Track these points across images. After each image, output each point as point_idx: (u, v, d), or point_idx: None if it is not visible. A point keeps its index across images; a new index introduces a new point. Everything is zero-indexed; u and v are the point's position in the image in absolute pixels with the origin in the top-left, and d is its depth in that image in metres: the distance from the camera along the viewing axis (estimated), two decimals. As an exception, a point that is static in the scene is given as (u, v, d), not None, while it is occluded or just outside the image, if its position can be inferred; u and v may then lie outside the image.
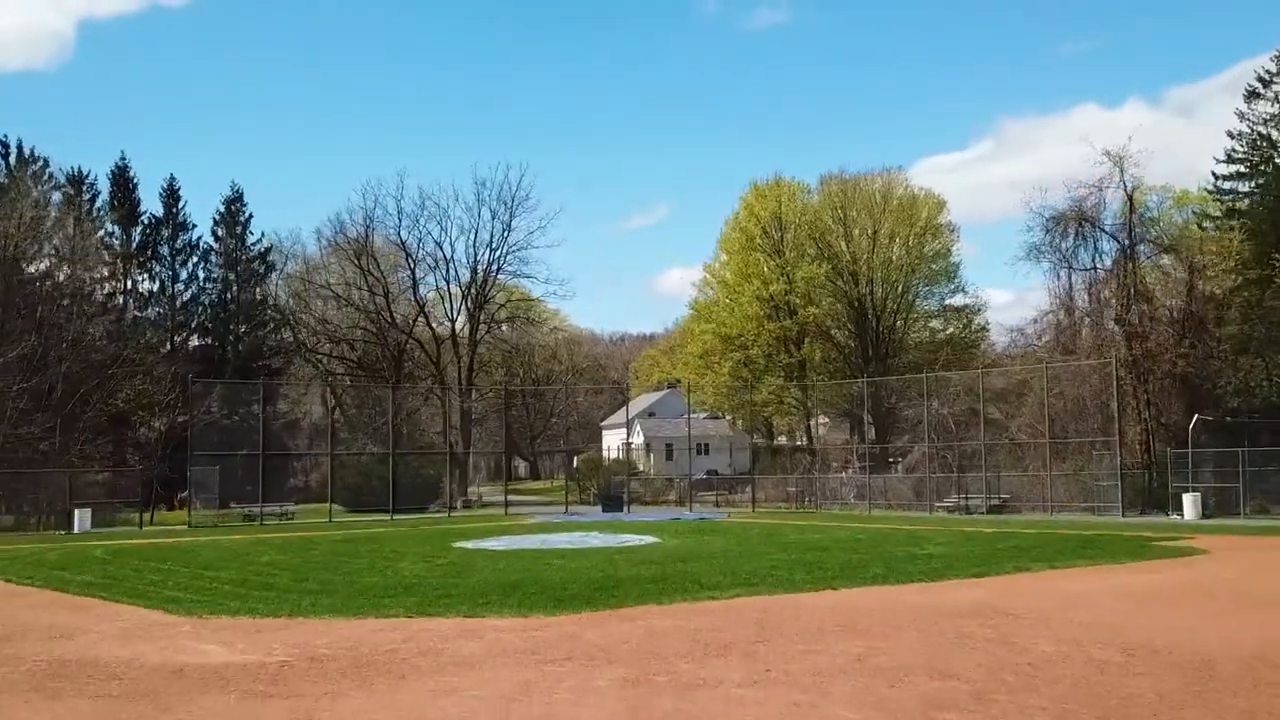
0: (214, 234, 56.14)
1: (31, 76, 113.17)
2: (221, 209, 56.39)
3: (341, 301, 56.16)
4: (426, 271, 56.22)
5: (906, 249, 54.75)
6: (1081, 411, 37.21)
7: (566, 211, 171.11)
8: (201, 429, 41.55)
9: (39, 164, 50.19)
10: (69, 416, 40.72)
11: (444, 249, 55.86)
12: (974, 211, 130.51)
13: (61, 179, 51.01)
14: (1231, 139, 42.01)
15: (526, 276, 57.25)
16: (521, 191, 55.91)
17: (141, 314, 53.04)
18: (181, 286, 54.80)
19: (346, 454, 48.39)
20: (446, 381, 53.88)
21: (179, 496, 42.34)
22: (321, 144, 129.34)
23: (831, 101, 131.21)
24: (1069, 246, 40.21)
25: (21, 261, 43.29)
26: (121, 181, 53.18)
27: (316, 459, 50.67)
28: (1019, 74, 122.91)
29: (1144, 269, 39.58)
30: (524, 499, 54.28)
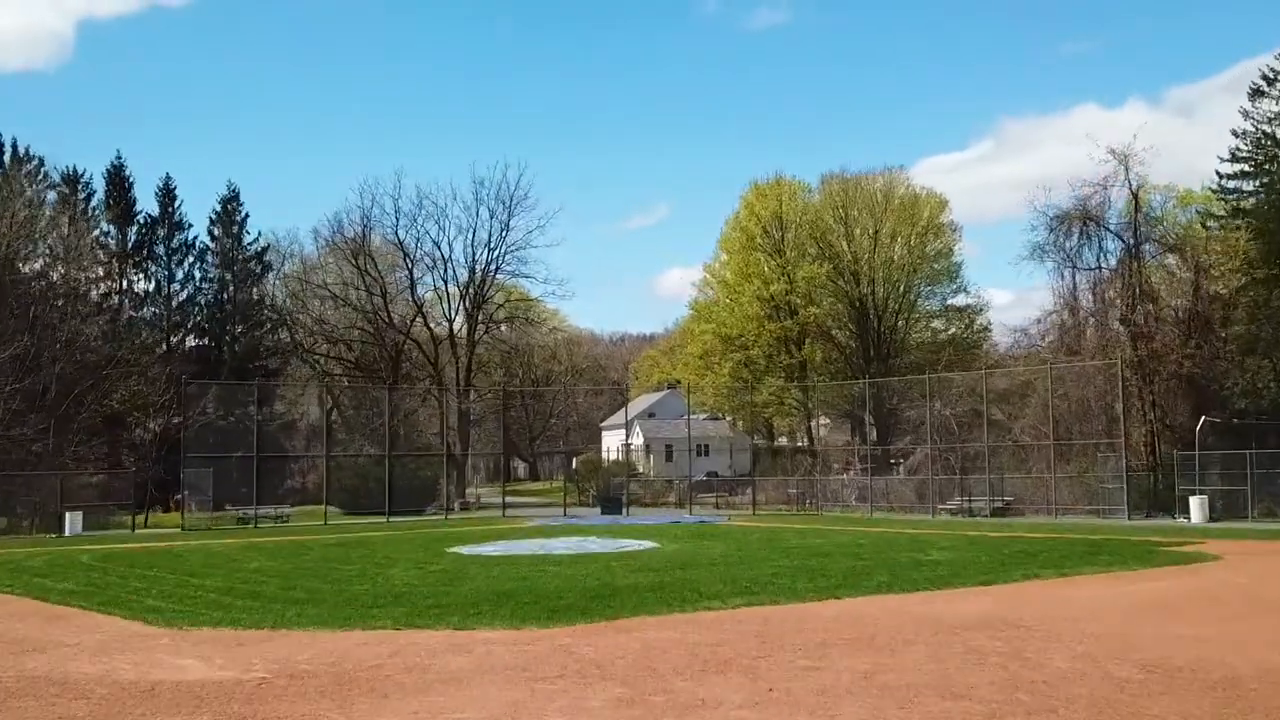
0: (210, 234, 55.84)
1: (31, 76, 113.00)
2: (218, 208, 56.05)
3: (339, 301, 55.72)
4: (424, 271, 55.88)
5: (908, 248, 54.36)
6: (1086, 413, 36.80)
7: (566, 211, 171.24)
8: (197, 430, 41.20)
9: (34, 163, 49.83)
10: (63, 418, 40.31)
11: (442, 248, 55.56)
12: (974, 211, 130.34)
13: (56, 178, 50.71)
14: (1236, 137, 41.59)
15: (525, 276, 56.95)
16: (520, 190, 55.60)
17: (137, 314, 52.61)
18: (177, 286, 54.47)
19: (343, 455, 47.99)
20: (444, 382, 53.41)
21: (174, 499, 41.93)
22: (321, 144, 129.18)
23: (831, 101, 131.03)
24: (1073, 245, 39.82)
25: (15, 261, 42.91)
26: (117, 181, 52.77)
27: (314, 460, 50.22)
28: (1019, 74, 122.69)
29: (1149, 269, 39.14)
30: (523, 500, 53.89)
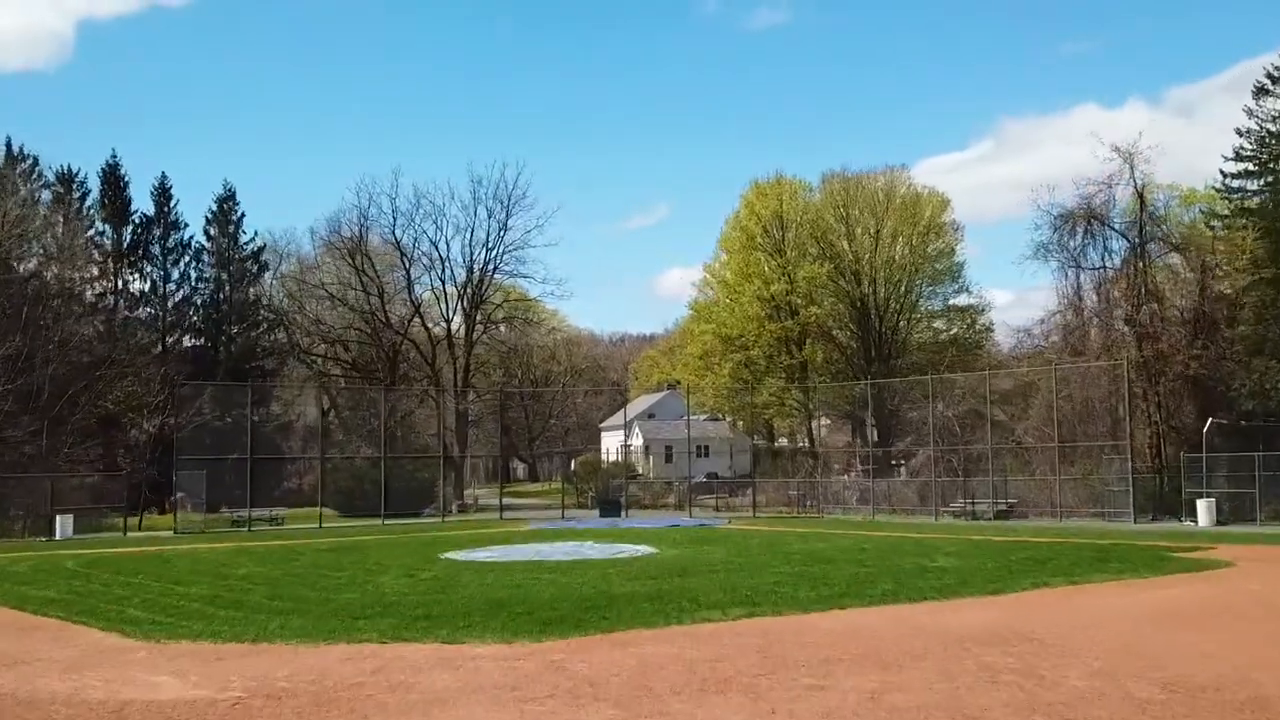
0: (206, 233, 55.38)
1: (31, 77, 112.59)
2: (214, 208, 55.61)
3: (336, 302, 55.28)
4: (422, 271, 55.47)
5: (910, 248, 53.94)
6: (1090, 414, 36.37)
7: (566, 211, 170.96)
8: (193, 431, 40.74)
9: (28, 162, 49.41)
10: (56, 419, 39.84)
11: (439, 248, 55.09)
12: (974, 211, 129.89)
13: (51, 177, 50.26)
14: (1240, 136, 41.18)
15: (524, 276, 56.56)
16: (518, 190, 55.22)
17: (132, 314, 52.12)
18: (173, 286, 53.99)
19: (339, 457, 47.52)
20: (442, 383, 52.96)
21: (169, 501, 41.49)
22: (319, 144, 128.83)
23: (831, 101, 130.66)
24: (1077, 245, 39.44)
25: (9, 260, 42.46)
26: (112, 180, 52.30)
27: (310, 462, 49.75)
28: (1019, 74, 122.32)
29: (1154, 268, 38.70)
30: (521, 502, 53.46)
